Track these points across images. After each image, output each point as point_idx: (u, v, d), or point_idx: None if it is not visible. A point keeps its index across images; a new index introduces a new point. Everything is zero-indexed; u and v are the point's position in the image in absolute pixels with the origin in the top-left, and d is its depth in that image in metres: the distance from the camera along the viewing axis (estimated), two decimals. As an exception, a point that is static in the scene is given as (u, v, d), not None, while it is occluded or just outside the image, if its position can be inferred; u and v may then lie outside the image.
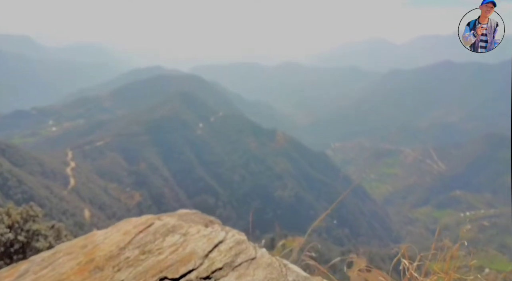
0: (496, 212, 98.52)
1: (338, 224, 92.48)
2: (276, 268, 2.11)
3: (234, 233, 2.45)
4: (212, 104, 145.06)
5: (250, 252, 2.23)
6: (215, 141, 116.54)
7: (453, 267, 2.03)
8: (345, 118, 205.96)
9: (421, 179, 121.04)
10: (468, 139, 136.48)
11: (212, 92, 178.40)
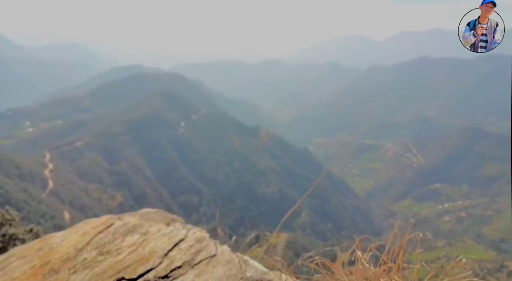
0: (472, 203, 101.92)
1: (322, 219, 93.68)
2: (235, 265, 2.11)
3: (196, 230, 2.43)
4: (194, 102, 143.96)
5: (210, 249, 2.21)
6: (198, 139, 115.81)
7: (402, 257, 2.05)
8: (326, 114, 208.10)
9: (402, 173, 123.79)
10: (446, 132, 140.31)
11: (194, 90, 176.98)
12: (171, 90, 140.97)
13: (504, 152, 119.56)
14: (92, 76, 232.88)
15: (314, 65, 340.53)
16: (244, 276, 2.05)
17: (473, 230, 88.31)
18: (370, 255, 2.19)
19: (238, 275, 2.04)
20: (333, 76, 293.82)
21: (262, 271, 2.14)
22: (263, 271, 2.15)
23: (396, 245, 2.10)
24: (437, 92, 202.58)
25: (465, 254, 65.74)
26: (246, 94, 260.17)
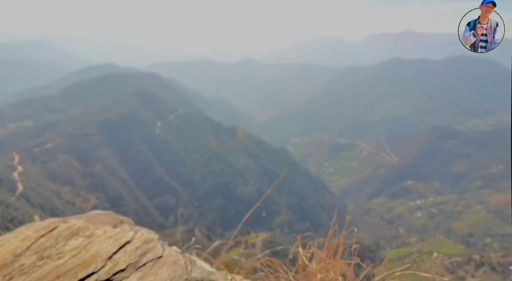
0: (443, 199, 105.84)
1: (300, 218, 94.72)
2: (181, 265, 2.10)
3: (144, 232, 2.39)
4: (170, 102, 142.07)
5: (157, 251, 2.19)
6: (175, 139, 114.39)
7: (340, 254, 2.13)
8: (303, 114, 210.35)
9: (376, 171, 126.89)
10: (417, 131, 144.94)
11: (170, 90, 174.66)
12: (147, 89, 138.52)
13: (471, 150, 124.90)
14: (64, 75, 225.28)
15: (290, 65, 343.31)
16: (189, 277, 2.03)
17: (444, 225, 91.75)
18: (311, 252, 2.25)
19: (183, 276, 2.02)
20: (309, 76, 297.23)
21: (208, 272, 2.13)
22: (209, 271, 2.14)
23: (333, 242, 2.19)
24: (409, 92, 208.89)
25: (436, 249, 68.28)
26: (223, 93, 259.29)
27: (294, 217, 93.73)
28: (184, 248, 2.51)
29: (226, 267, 2.43)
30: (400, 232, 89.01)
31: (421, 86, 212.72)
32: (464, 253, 64.81)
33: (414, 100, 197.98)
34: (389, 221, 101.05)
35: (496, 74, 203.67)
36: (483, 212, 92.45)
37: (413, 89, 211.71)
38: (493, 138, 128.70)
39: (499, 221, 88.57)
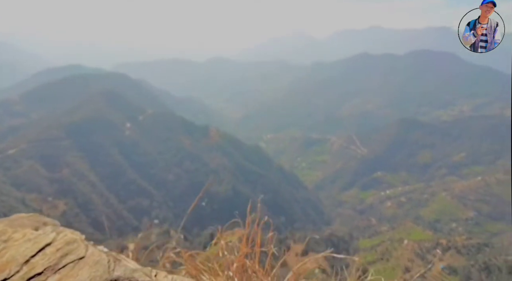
0: (411, 188, 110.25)
1: (275, 213, 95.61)
2: (103, 265, 2.07)
3: (67, 233, 2.32)
4: (139, 102, 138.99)
5: (79, 252, 2.15)
6: (146, 140, 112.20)
7: (256, 244, 2.21)
8: (275, 111, 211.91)
9: (347, 164, 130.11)
10: (385, 124, 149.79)
11: (138, 90, 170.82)
12: (114, 90, 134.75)
13: (435, 140, 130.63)
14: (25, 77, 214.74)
15: (260, 63, 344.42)
16: (111, 276, 2.01)
17: (412, 213, 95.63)
18: (232, 243, 2.32)
19: (103, 276, 1.99)
20: (279, 73, 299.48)
21: (131, 269, 2.12)
22: (132, 269, 2.14)
23: (252, 232, 2.21)
24: (376, 86, 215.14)
25: (406, 236, 71.11)
26: (194, 93, 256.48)
27: (269, 213, 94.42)
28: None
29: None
30: (372, 222, 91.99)
31: (387, 80, 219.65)
32: (432, 238, 67.89)
33: (381, 94, 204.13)
34: (361, 212, 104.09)
35: (457, 67, 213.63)
36: (448, 199, 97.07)
37: (380, 83, 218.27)
38: (455, 128, 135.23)
39: (463, 206, 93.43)
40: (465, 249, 61.15)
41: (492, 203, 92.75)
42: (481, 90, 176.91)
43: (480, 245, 62.34)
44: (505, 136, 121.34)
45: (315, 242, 65.22)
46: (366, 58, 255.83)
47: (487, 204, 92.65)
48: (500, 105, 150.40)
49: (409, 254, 63.72)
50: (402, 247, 65.68)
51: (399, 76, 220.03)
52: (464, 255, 59.99)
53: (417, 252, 63.67)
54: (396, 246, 66.96)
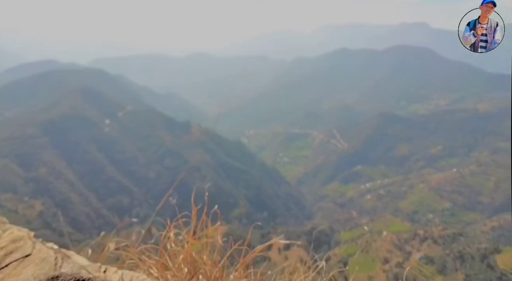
0: (390, 181, 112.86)
1: (257, 208, 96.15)
2: (49, 262, 2.00)
3: (14, 230, 2.23)
4: (118, 98, 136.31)
5: (25, 249, 2.08)
6: (125, 137, 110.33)
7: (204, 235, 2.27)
8: (256, 106, 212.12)
9: (328, 158, 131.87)
10: (364, 118, 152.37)
11: (117, 86, 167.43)
12: (92, 86, 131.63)
13: (412, 134, 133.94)
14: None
15: (242, 58, 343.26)
16: (58, 273, 1.96)
17: (391, 205, 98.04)
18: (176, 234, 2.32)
19: (49, 273, 1.93)
20: (261, 69, 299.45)
21: (79, 266, 2.08)
22: (80, 265, 2.10)
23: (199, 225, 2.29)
24: (356, 81, 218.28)
25: (385, 228, 72.93)
26: (175, 88, 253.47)
27: (252, 208, 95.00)
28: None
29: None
30: (353, 215, 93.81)
31: (366, 75, 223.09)
32: (410, 229, 69.88)
33: (360, 89, 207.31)
34: (342, 205, 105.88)
35: (433, 62, 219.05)
36: (425, 190, 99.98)
37: (359, 78, 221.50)
38: (431, 121, 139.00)
39: (439, 197, 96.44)
40: (441, 239, 63.28)
41: (466, 194, 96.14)
42: (456, 85, 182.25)
43: (455, 234, 64.62)
44: (478, 129, 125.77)
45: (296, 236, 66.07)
46: (345, 54, 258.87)
47: (462, 195, 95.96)
48: (473, 99, 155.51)
49: (388, 246, 65.43)
50: (382, 239, 67.34)
51: (378, 71, 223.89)
52: (440, 245, 62.10)
53: (396, 243, 65.45)
54: (376, 238, 68.61)
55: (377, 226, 73.91)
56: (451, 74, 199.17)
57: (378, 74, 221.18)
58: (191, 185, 75.52)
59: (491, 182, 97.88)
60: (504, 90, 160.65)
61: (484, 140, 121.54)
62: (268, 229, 71.55)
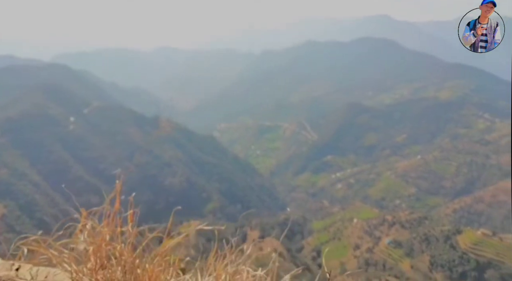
0: (359, 169, 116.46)
1: (231, 202, 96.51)
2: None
3: None
4: (83, 95, 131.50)
5: None
6: (92, 135, 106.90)
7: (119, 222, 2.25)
8: (226, 100, 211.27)
9: (299, 150, 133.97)
10: (333, 109, 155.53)
11: (82, 82, 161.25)
12: (54, 83, 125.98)
13: (379, 123, 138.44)
14: None
15: (210, 52, 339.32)
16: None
17: (361, 193, 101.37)
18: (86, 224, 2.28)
19: None
20: (229, 62, 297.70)
21: (10, 264, 2.03)
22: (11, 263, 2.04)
23: (112, 214, 2.26)
24: (324, 73, 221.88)
25: (356, 215, 75.48)
26: (142, 83, 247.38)
27: (226, 202, 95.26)
28: None
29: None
30: (324, 204, 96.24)
31: (333, 66, 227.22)
32: (379, 215, 72.64)
33: (328, 80, 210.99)
34: (313, 195, 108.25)
35: (396, 53, 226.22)
36: (392, 178, 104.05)
37: (327, 70, 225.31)
38: (396, 110, 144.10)
39: (405, 183, 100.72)
40: (408, 223, 66.35)
41: (430, 179, 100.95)
42: (418, 75, 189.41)
43: (421, 218, 67.94)
44: (439, 117, 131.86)
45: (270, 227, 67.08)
46: (312, 46, 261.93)
47: (426, 180, 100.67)
48: (435, 88, 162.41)
49: (358, 232, 67.84)
50: (352, 226, 69.70)
51: (345, 63, 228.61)
52: (407, 229, 65.13)
53: (366, 230, 67.98)
54: (347, 225, 70.92)
55: (348, 214, 76.31)
56: (413, 64, 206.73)
57: (344, 65, 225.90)
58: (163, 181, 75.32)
59: (453, 167, 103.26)
60: (462, 78, 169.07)
61: (445, 127, 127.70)
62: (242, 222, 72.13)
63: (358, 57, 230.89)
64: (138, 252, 2.05)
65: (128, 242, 2.07)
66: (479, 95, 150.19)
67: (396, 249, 61.99)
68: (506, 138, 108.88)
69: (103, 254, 2.03)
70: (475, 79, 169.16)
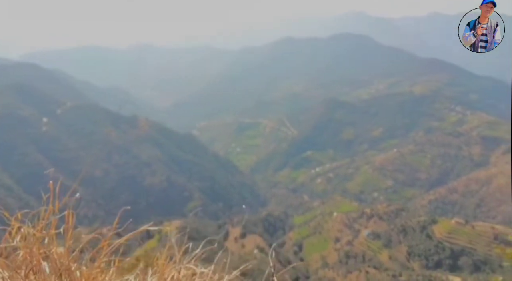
0: (338, 164, 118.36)
1: (212, 200, 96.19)
2: None
3: None
4: (56, 95, 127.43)
5: None
6: (67, 136, 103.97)
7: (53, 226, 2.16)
8: (206, 97, 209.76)
9: (279, 146, 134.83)
10: (312, 105, 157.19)
11: (54, 81, 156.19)
12: (25, 82, 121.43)
13: (356, 118, 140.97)
14: None
15: (187, 49, 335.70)
16: None
17: (340, 187, 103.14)
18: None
19: None
20: (207, 60, 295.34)
21: None
22: None
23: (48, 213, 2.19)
24: (302, 69, 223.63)
25: (335, 208, 76.82)
26: (118, 82, 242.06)
27: (207, 200, 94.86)
28: None
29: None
30: (305, 199, 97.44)
31: (312, 63, 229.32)
32: (358, 208, 74.24)
33: (307, 76, 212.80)
34: (294, 190, 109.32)
35: (372, 49, 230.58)
36: (370, 171, 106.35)
37: (305, 66, 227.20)
38: (373, 105, 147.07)
39: (382, 177, 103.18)
40: (385, 215, 68.09)
41: (406, 172, 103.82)
42: (393, 70, 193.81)
43: (398, 210, 69.88)
44: (414, 111, 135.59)
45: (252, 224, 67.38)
46: (291, 43, 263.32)
47: (402, 173, 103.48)
48: (409, 83, 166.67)
49: (338, 225, 69.11)
50: (332, 220, 70.92)
51: (323, 59, 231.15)
52: (385, 221, 66.84)
53: (345, 223, 69.33)
54: (327, 219, 72.10)
55: (328, 208, 77.56)
56: (388, 60, 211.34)
57: (322, 61, 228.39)
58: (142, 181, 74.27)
59: (427, 159, 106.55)
60: (435, 73, 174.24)
61: (419, 121, 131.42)
62: (224, 219, 72.13)
63: (335, 53, 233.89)
64: (75, 255, 1.99)
65: (66, 245, 2.01)
66: (451, 89, 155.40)
67: (374, 240, 63.56)
68: (476, 130, 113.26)
69: (36, 258, 1.96)
70: (447, 73, 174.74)
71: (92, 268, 1.99)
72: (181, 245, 2.25)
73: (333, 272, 54.78)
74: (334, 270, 55.38)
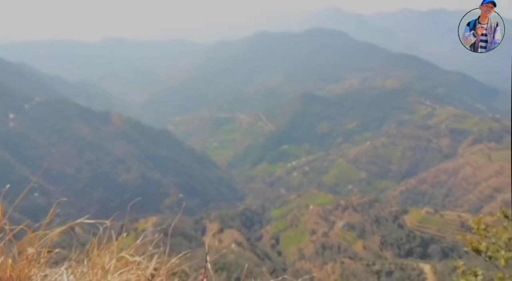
0: (313, 158, 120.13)
1: (189, 195, 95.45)
2: None
3: None
4: (23, 89, 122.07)
5: None
6: (36, 132, 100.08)
7: None
8: (181, 92, 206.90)
9: (256, 140, 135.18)
10: (287, 99, 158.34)
11: (20, 76, 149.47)
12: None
13: (331, 112, 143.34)
14: None
15: (161, 43, 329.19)
16: None
17: (316, 180, 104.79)
18: None
19: None
20: (181, 54, 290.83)
21: None
22: None
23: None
24: (277, 64, 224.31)
25: (311, 201, 78.10)
26: (89, 76, 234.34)
27: (184, 196, 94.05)
28: None
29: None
30: (281, 193, 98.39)
31: (287, 57, 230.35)
32: (333, 201, 75.75)
33: (282, 71, 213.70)
34: (271, 184, 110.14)
35: (346, 45, 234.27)
36: (344, 164, 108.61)
37: (280, 60, 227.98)
38: (347, 99, 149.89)
39: (356, 169, 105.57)
40: (359, 207, 69.91)
41: (379, 164, 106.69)
42: (366, 65, 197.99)
43: (371, 201, 71.89)
44: (386, 105, 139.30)
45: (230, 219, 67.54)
46: (266, 37, 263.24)
47: (375, 165, 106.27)
48: (381, 78, 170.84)
49: (314, 218, 70.37)
50: (309, 212, 72.12)
51: (297, 54, 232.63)
52: (359, 212, 68.65)
53: (321, 215, 70.68)
54: (304, 211, 73.25)
55: (304, 201, 78.72)
56: (361, 54, 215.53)
57: (297, 56, 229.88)
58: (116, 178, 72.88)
59: (399, 151, 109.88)
60: (406, 68, 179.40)
61: (391, 114, 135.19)
62: (201, 215, 71.84)
63: (309, 48, 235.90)
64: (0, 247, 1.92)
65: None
66: (421, 83, 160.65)
67: (349, 231, 65.23)
68: (444, 123, 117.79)
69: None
70: (417, 68, 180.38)
71: (17, 261, 1.94)
72: (118, 236, 2.20)
73: (310, 263, 55.84)
74: (310, 262, 56.46)
